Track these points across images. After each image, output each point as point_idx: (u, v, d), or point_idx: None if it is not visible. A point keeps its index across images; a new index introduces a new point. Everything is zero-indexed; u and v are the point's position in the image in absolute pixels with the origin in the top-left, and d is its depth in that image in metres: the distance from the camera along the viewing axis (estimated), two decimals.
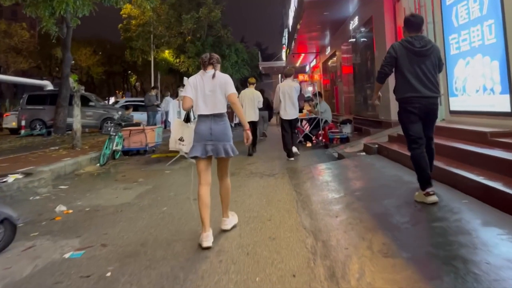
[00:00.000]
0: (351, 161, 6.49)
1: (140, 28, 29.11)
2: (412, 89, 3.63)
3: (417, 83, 3.62)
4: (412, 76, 3.63)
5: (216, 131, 3.28)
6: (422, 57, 3.66)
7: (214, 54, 3.50)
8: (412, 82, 3.62)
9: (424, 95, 3.62)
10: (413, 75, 3.64)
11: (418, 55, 3.66)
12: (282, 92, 7.73)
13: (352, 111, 14.93)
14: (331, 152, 8.27)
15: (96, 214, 4.36)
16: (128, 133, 9.42)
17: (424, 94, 3.62)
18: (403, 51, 3.68)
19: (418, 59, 3.66)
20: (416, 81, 3.62)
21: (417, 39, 3.68)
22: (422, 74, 3.64)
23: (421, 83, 3.62)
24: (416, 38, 3.69)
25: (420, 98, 3.62)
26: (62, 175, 6.84)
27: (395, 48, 3.73)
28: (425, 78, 3.63)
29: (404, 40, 3.74)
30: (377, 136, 8.31)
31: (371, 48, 11.57)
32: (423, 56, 3.67)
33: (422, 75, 3.63)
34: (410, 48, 3.66)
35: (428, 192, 3.56)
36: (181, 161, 7.86)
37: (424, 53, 3.67)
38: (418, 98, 3.62)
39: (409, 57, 3.66)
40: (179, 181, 6.09)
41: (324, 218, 3.62)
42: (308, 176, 5.89)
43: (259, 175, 6.20)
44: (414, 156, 3.67)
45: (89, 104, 16.27)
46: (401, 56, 3.68)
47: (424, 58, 3.67)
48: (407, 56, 3.67)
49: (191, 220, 3.90)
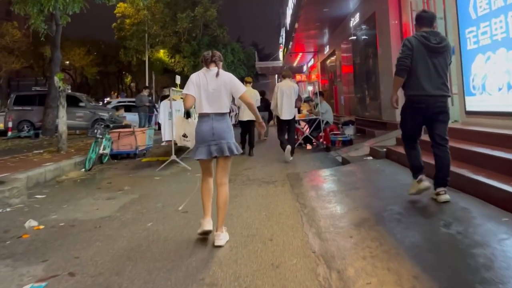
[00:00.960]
0: (358, 167, 5.95)
1: (135, 27, 28.52)
2: (419, 87, 3.50)
3: (426, 81, 3.48)
4: (422, 73, 3.50)
5: (218, 130, 3.21)
6: (436, 54, 3.51)
7: (216, 51, 3.41)
8: (421, 80, 3.49)
9: (432, 94, 3.48)
10: (424, 72, 3.50)
11: (433, 51, 3.51)
12: (280, 92, 7.50)
13: (352, 111, 14.39)
14: (334, 156, 7.72)
15: (71, 230, 3.78)
16: (117, 135, 8.83)
17: (432, 93, 3.48)
18: (419, 45, 3.51)
19: (432, 55, 3.50)
20: (426, 79, 3.49)
21: (432, 35, 3.53)
22: (435, 71, 3.49)
23: (431, 81, 3.48)
24: (431, 33, 3.53)
25: (427, 97, 3.49)
26: (41, 183, 6.24)
27: (411, 41, 3.55)
28: (437, 76, 3.49)
29: (419, 35, 3.56)
30: (383, 139, 7.77)
31: (373, 46, 11.05)
32: (438, 52, 3.52)
33: (434, 72, 3.49)
34: (426, 43, 3.50)
35: (420, 179, 3.56)
36: (173, 165, 7.28)
37: (439, 50, 3.52)
38: (424, 97, 3.50)
39: (423, 52, 3.50)
40: (169, 189, 5.52)
41: (336, 239, 3.07)
42: (312, 184, 5.34)
43: (257, 182, 5.63)
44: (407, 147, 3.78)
45: (80, 105, 15.66)
46: (416, 50, 3.51)
47: (438, 55, 3.52)
48: (422, 52, 3.50)
49: (179, 239, 3.34)
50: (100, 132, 7.80)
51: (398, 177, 4.78)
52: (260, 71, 36.26)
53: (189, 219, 3.92)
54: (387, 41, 9.41)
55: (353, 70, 14.04)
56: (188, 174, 6.60)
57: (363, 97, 12.79)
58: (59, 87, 9.14)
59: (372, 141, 7.91)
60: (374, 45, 10.84)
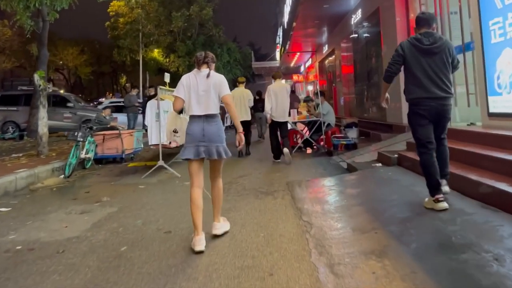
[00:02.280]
0: (367, 175, 5.30)
1: (128, 26, 27.89)
2: (422, 90, 3.45)
3: (427, 83, 3.44)
4: (422, 76, 3.46)
5: (209, 132, 3.17)
6: (431, 55, 3.46)
7: (209, 52, 3.37)
8: (422, 82, 3.45)
9: (435, 96, 3.43)
10: (423, 75, 3.46)
11: (426, 53, 3.47)
12: (273, 94, 7.34)
13: (352, 113, 13.77)
14: (338, 161, 7.07)
15: (27, 257, 3.10)
16: (101, 138, 8.15)
17: (435, 95, 3.43)
18: (411, 49, 3.51)
19: (427, 57, 3.46)
20: (427, 81, 3.44)
21: (426, 36, 3.49)
22: (433, 73, 3.44)
23: (432, 83, 3.43)
24: (425, 35, 3.50)
25: (430, 100, 3.44)
26: (10, 192, 5.55)
27: (403, 46, 3.56)
28: (436, 78, 3.44)
29: (412, 38, 3.58)
30: (390, 143, 7.13)
31: (377, 44, 10.43)
32: (432, 54, 3.46)
33: (433, 74, 3.44)
34: (418, 45, 3.48)
35: (438, 198, 3.37)
36: (161, 172, 6.61)
37: (433, 51, 3.46)
38: (428, 100, 3.44)
39: (417, 55, 3.48)
40: (152, 200, 4.85)
41: (354, 274, 2.41)
42: (316, 196, 4.68)
43: (254, 192, 4.97)
44: (423, 162, 3.53)
45: (68, 105, 14.95)
46: (409, 54, 3.51)
47: (433, 56, 3.46)
48: (415, 55, 3.49)
49: (157, 272, 2.67)
50: (81, 135, 7.10)
51: (417, 189, 4.12)
52: (257, 71, 35.70)
53: (172, 242, 3.26)
54: (393, 38, 8.78)
55: (354, 69, 13.42)
56: (176, 182, 5.94)
57: (365, 98, 12.18)
58: (39, 85, 8.45)
59: (378, 145, 7.26)
60: (378, 43, 10.22)
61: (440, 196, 3.37)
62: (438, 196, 3.37)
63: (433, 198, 3.41)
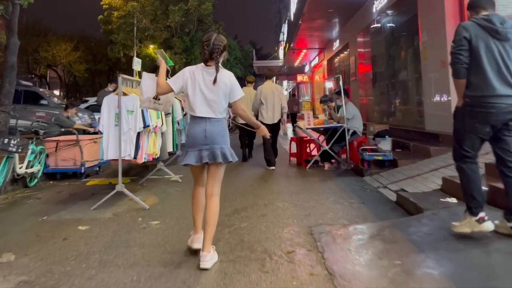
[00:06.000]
0: (448, 226, 3.21)
1: (122, 19, 26.16)
2: (487, 87, 2.66)
3: (495, 78, 2.65)
4: (490, 68, 2.66)
5: (212, 133, 2.78)
6: (503, 41, 2.69)
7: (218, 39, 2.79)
8: (487, 76, 2.65)
9: (503, 94, 2.63)
10: (492, 66, 2.66)
11: (500, 37, 2.66)
12: (263, 95, 6.95)
13: (371, 117, 11.73)
14: (375, 187, 5.02)
15: None
16: (54, 146, 6.12)
17: (503, 93, 2.63)
18: (478, 31, 2.69)
19: (499, 43, 2.68)
20: (495, 75, 2.65)
21: (496, 16, 2.72)
22: (503, 64, 2.66)
23: (501, 78, 2.65)
24: (494, 16, 2.72)
25: (497, 98, 2.64)
26: None
27: (467, 27, 2.72)
28: (506, 70, 2.66)
29: (479, 18, 2.73)
30: (446, 162, 5.06)
31: (410, 34, 8.45)
32: (506, 39, 2.68)
33: (503, 65, 2.65)
34: (490, 26, 2.68)
35: (483, 217, 2.69)
36: (122, 199, 4.57)
37: (507, 35, 2.67)
38: (494, 98, 2.64)
39: (487, 39, 2.68)
40: (86, 262, 2.79)
41: None
42: (372, 263, 2.63)
43: (261, 252, 2.94)
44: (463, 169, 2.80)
45: (41, 103, 13.00)
46: (476, 37, 2.69)
47: (505, 43, 2.69)
48: (485, 39, 2.68)
49: None
50: (17, 143, 5.07)
51: None
52: (258, 70, 33.83)
53: None
54: (439, 23, 6.73)
55: (375, 67, 11.42)
56: (139, 219, 3.87)
57: (392, 100, 10.17)
58: None
59: (430, 165, 5.22)
60: (413, 32, 8.22)
61: (483, 213, 2.73)
62: (482, 214, 2.74)
63: (476, 218, 2.74)
